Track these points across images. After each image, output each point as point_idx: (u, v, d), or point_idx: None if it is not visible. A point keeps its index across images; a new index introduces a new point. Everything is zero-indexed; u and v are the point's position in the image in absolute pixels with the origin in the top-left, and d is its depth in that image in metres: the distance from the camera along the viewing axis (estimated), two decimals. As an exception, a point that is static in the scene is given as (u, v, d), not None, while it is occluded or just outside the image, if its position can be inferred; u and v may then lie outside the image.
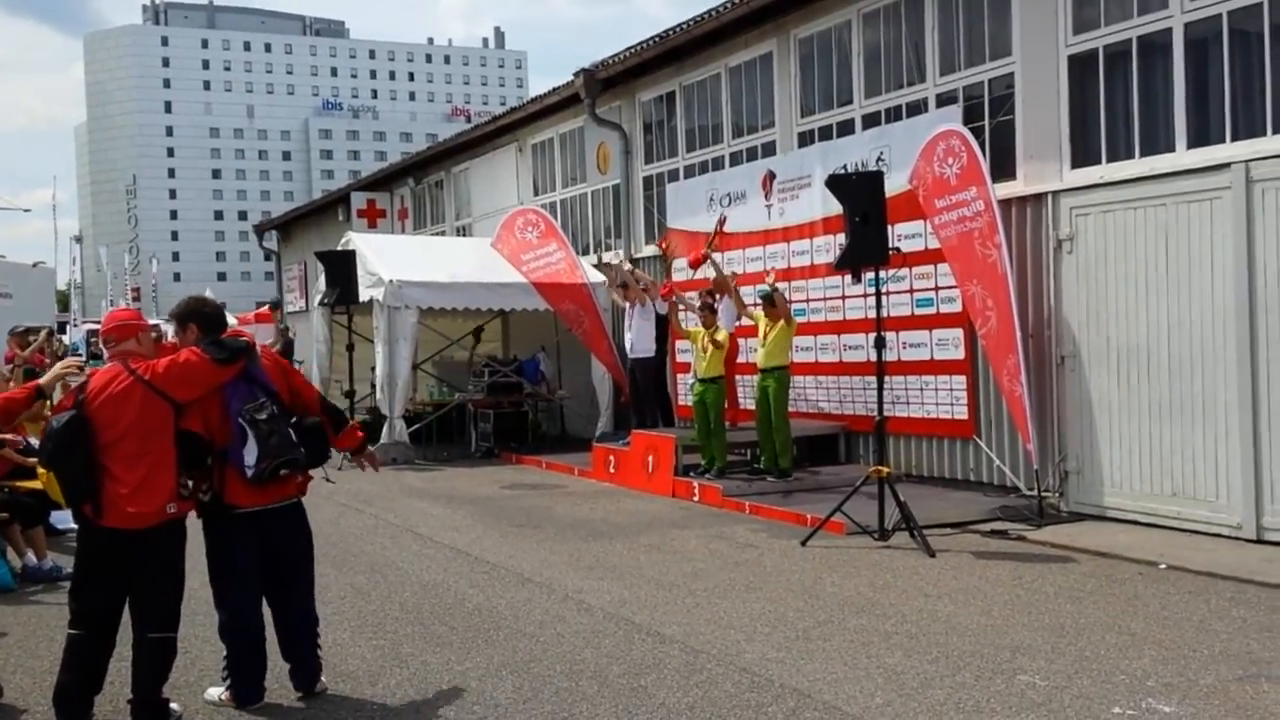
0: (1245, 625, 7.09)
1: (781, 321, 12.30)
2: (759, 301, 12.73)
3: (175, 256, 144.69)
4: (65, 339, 35.99)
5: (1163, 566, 8.72)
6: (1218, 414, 9.56)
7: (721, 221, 14.82)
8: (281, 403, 5.88)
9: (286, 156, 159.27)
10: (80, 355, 30.68)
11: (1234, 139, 9.77)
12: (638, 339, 15.25)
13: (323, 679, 6.13)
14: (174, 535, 5.67)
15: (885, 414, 10.30)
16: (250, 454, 5.70)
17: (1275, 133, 9.46)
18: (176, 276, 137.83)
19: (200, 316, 5.98)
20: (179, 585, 5.76)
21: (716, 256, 14.72)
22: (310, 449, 5.96)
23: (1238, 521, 9.40)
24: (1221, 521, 9.54)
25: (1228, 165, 9.43)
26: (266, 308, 35.08)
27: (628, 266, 16.18)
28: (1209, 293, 9.61)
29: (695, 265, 14.79)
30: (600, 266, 16.86)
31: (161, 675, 5.67)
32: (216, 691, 6.03)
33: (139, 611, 5.62)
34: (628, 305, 15.48)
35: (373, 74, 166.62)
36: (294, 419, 5.95)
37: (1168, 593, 7.96)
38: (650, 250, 17.87)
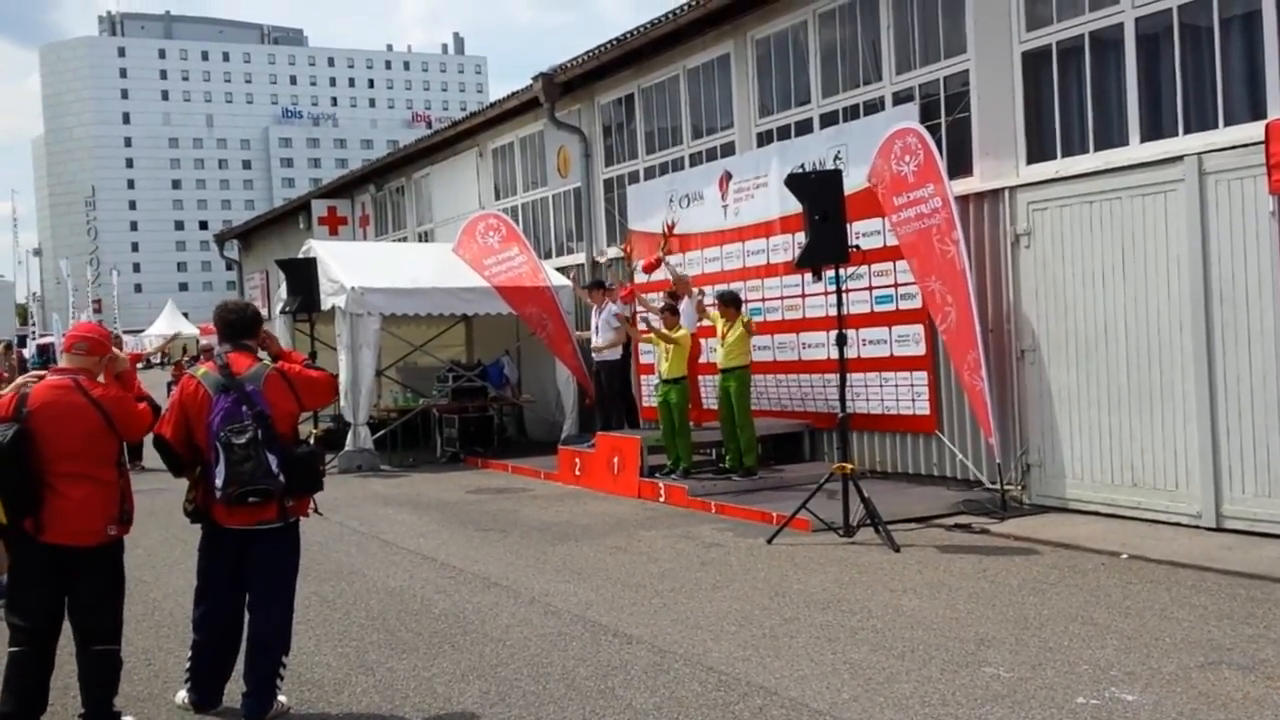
0: (1206, 613, 7.16)
1: (738, 322, 12.33)
2: (715, 302, 12.77)
3: (136, 268, 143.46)
4: (26, 352, 35.68)
5: (1124, 556, 8.79)
6: (1176, 404, 9.66)
7: (670, 227, 14.88)
8: (270, 426, 5.71)
9: (247, 165, 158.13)
10: (37, 370, 30.28)
11: (1186, 132, 9.86)
12: (603, 341, 15.25)
13: (281, 700, 5.92)
14: (115, 551, 5.66)
15: (848, 411, 10.35)
16: (219, 476, 5.64)
17: (1227, 125, 9.55)
18: (138, 288, 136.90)
19: (215, 319, 6.15)
20: (120, 599, 5.72)
21: (675, 258, 14.74)
22: (295, 479, 5.79)
23: (1198, 510, 9.50)
24: (1182, 510, 9.64)
25: (1181, 158, 9.53)
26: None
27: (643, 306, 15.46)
28: (1165, 284, 9.70)
29: (649, 270, 14.85)
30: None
31: (111, 687, 5.62)
32: (181, 694, 6.02)
33: (82, 626, 5.57)
34: (594, 308, 15.49)
35: (332, 81, 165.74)
36: (288, 444, 5.82)
37: (1130, 582, 8.03)
38: (614, 252, 17.89)
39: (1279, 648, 6.37)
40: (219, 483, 5.64)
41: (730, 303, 12.49)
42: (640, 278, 15.69)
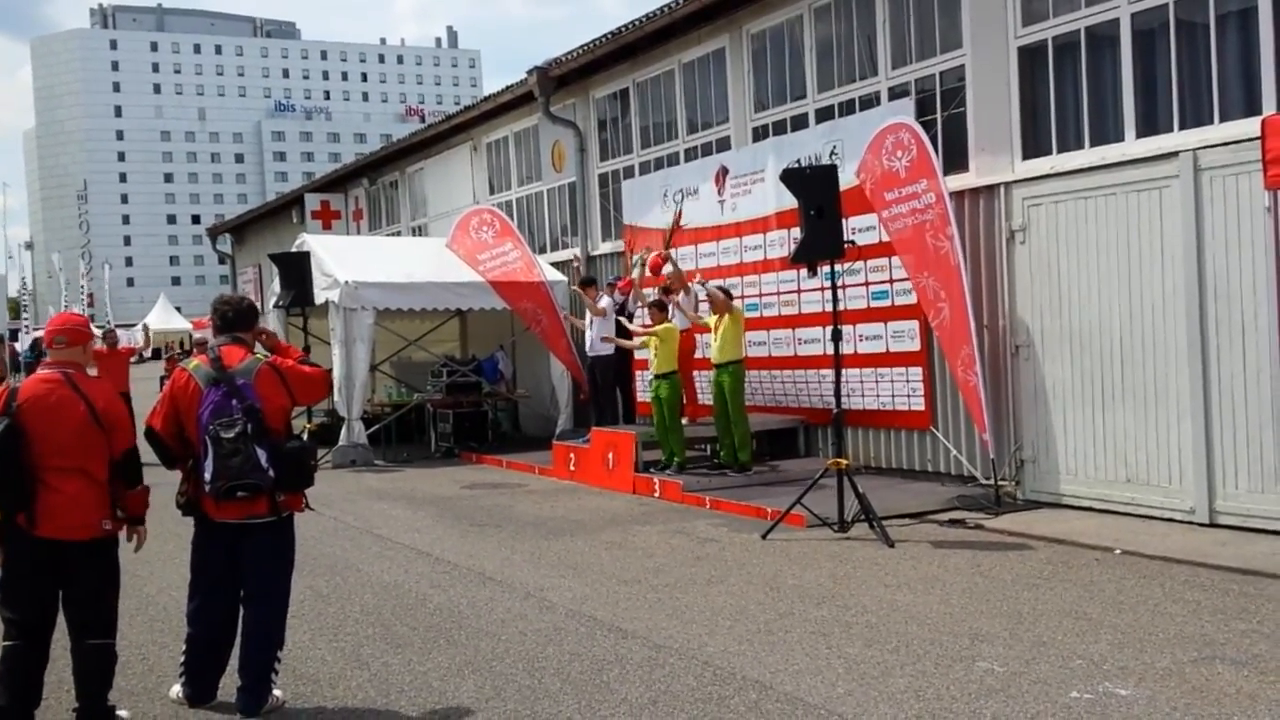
0: (1199, 608, 7.17)
1: (728, 316, 12.30)
2: (707, 298, 12.75)
3: (129, 261, 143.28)
4: (18, 345, 35.59)
5: (1118, 552, 8.81)
6: (1170, 400, 9.67)
7: (678, 217, 14.81)
8: (260, 420, 5.67)
9: (239, 159, 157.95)
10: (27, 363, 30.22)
11: (1182, 128, 9.88)
12: (598, 336, 15.23)
13: (276, 695, 5.89)
14: (110, 546, 5.64)
15: (843, 406, 10.35)
16: (208, 470, 5.63)
17: (1222, 121, 9.57)
18: (130, 281, 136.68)
19: (211, 312, 6.13)
20: (115, 593, 5.71)
21: (671, 253, 14.72)
22: (284, 473, 5.76)
23: (1191, 506, 9.51)
24: (1175, 506, 9.65)
25: (1176, 154, 9.54)
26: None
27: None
28: (1160, 280, 9.71)
29: (656, 270, 14.69)
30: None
31: (105, 682, 5.60)
32: (176, 688, 6.01)
33: (77, 620, 5.55)
34: (589, 301, 15.48)
35: (325, 75, 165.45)
36: (279, 439, 5.79)
37: (1123, 577, 8.04)
38: (607, 247, 17.88)
39: (1272, 643, 6.38)
40: (207, 476, 5.63)
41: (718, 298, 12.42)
42: (641, 274, 15.63)
